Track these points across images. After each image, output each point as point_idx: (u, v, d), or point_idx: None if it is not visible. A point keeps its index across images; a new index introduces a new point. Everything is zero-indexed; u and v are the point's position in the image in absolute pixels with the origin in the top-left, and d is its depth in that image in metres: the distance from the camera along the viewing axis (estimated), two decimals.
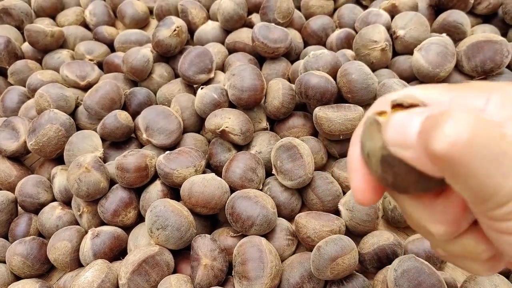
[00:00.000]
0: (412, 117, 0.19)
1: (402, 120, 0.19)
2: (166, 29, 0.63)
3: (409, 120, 0.19)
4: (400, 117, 0.19)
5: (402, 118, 0.19)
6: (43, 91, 0.58)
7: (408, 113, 0.19)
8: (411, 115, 0.19)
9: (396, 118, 0.19)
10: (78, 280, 0.43)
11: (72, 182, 0.49)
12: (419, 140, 0.18)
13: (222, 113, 0.53)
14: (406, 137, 0.18)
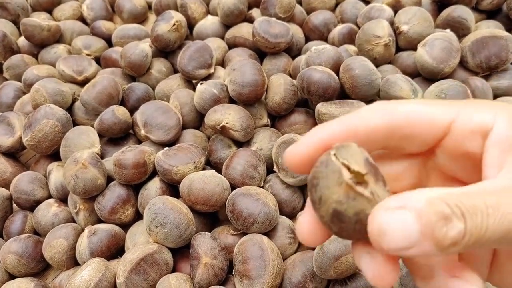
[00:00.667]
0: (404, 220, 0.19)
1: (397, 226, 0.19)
2: (165, 23, 0.61)
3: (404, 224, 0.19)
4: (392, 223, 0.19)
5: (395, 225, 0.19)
6: (39, 85, 0.57)
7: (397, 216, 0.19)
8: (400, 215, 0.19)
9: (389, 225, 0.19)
10: (74, 279, 0.42)
11: (69, 179, 0.48)
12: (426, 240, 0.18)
13: (222, 109, 0.52)
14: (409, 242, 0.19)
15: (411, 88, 0.51)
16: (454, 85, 0.50)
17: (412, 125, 0.23)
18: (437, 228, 0.18)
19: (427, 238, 0.18)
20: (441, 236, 0.18)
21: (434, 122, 0.23)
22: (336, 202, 0.20)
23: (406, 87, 0.51)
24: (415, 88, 0.51)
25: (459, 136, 0.23)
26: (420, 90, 0.52)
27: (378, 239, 0.19)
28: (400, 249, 0.19)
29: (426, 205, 0.18)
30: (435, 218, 0.18)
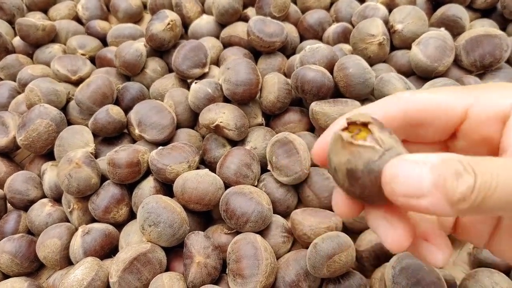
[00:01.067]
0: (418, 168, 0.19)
1: (410, 173, 0.19)
2: (160, 22, 0.61)
3: (418, 173, 0.19)
4: (406, 169, 0.19)
5: (408, 170, 0.19)
6: (33, 85, 0.57)
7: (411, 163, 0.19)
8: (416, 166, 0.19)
9: (402, 171, 0.19)
10: (67, 278, 0.42)
11: (62, 178, 0.48)
12: (437, 191, 0.19)
13: (216, 108, 0.52)
14: (421, 190, 0.19)
15: (405, 87, 0.51)
16: (448, 84, 0.50)
17: (428, 112, 0.24)
18: (449, 181, 0.19)
19: (438, 189, 0.19)
20: (451, 189, 0.19)
21: (450, 108, 0.23)
22: (345, 163, 0.21)
23: (400, 85, 0.51)
24: (409, 87, 0.51)
25: (478, 121, 0.23)
26: (414, 88, 0.52)
27: (389, 184, 0.20)
28: (410, 196, 0.19)
29: (442, 160, 0.19)
30: (449, 172, 0.19)
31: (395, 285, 0.38)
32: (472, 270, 0.43)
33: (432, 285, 0.38)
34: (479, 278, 0.41)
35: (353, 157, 0.21)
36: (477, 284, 0.41)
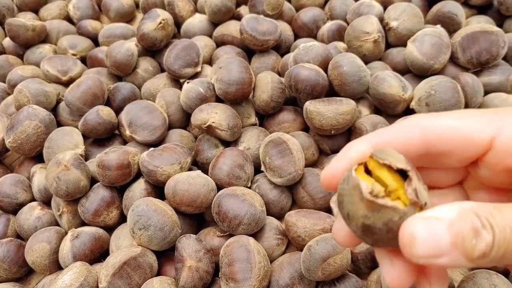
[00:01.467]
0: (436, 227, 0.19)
1: (428, 234, 0.19)
2: (151, 21, 0.60)
3: (436, 233, 0.19)
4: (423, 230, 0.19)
5: (425, 232, 0.19)
6: (22, 86, 0.56)
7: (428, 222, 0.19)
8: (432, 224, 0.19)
9: (419, 232, 0.19)
10: (55, 284, 0.41)
11: (51, 181, 0.47)
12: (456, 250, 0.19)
13: (208, 108, 0.51)
14: (439, 250, 0.19)
15: (400, 85, 0.50)
16: (444, 81, 0.49)
17: (449, 142, 0.22)
18: (467, 240, 0.18)
19: (457, 248, 0.19)
20: (470, 248, 0.18)
21: (473, 140, 0.22)
22: (363, 217, 0.21)
23: (395, 83, 0.50)
24: (405, 85, 0.50)
25: (503, 152, 0.22)
26: (410, 86, 0.51)
27: (408, 247, 0.19)
28: (430, 257, 0.19)
29: (458, 216, 0.19)
30: (466, 229, 0.18)
31: None
32: (470, 272, 0.42)
33: None
34: (478, 280, 0.40)
35: (372, 215, 0.20)
36: (476, 286, 0.40)
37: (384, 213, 0.20)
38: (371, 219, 0.20)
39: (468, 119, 0.22)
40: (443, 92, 0.48)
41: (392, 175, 0.22)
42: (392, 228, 0.20)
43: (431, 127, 0.23)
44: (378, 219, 0.20)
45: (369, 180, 0.21)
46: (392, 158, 0.21)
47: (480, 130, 0.22)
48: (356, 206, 0.21)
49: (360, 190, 0.20)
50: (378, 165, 0.22)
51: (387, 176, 0.22)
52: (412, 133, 0.23)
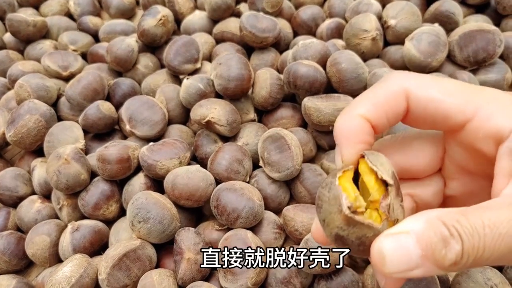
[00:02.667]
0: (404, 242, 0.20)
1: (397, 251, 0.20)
2: (152, 18, 0.61)
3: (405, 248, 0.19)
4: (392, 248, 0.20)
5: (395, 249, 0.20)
6: (23, 81, 0.56)
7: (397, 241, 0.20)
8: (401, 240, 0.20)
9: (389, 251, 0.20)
10: (55, 275, 0.42)
11: (51, 174, 0.47)
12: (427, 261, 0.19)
13: (207, 104, 0.51)
14: (410, 264, 0.19)
15: None
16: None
17: (430, 113, 0.24)
18: (437, 250, 0.19)
19: (428, 260, 0.19)
20: (440, 258, 0.19)
21: (450, 117, 0.23)
22: (338, 228, 0.21)
23: None
24: None
25: (473, 136, 0.23)
26: None
27: (380, 264, 0.20)
28: (402, 272, 0.20)
29: (426, 226, 0.19)
30: (435, 240, 0.19)
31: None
32: None
33: (424, 280, 0.37)
34: (472, 274, 0.40)
35: (347, 228, 0.21)
36: (470, 279, 0.40)
37: (359, 228, 0.21)
38: (346, 232, 0.21)
39: (450, 96, 0.23)
40: None
41: (377, 184, 0.22)
42: (364, 242, 0.21)
43: (416, 97, 0.24)
44: (352, 233, 0.21)
45: (351, 192, 0.22)
46: (381, 167, 0.22)
47: (458, 110, 0.23)
48: (332, 216, 0.21)
49: (339, 202, 0.21)
50: (368, 169, 0.23)
51: (373, 184, 0.22)
52: (399, 100, 0.24)
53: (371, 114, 0.24)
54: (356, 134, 0.24)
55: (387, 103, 0.24)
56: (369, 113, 0.24)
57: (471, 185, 0.27)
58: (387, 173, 0.22)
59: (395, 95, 0.24)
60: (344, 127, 0.25)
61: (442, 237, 0.19)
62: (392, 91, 0.24)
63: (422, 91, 0.24)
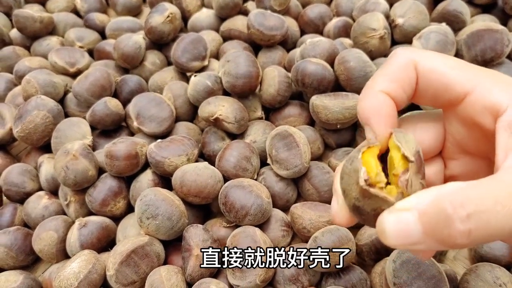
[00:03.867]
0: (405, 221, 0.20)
1: (397, 227, 0.20)
2: (159, 15, 0.61)
3: (404, 226, 0.20)
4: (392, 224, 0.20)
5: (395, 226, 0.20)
6: (30, 77, 0.56)
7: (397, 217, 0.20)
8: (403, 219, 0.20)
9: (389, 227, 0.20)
10: (63, 271, 0.42)
11: (59, 170, 0.47)
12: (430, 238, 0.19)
13: (215, 101, 0.51)
14: (412, 240, 0.20)
15: None
16: None
17: (435, 84, 0.25)
18: (439, 229, 0.19)
19: (430, 237, 0.19)
20: (444, 236, 0.19)
21: (452, 88, 0.24)
22: (355, 199, 0.22)
23: None
24: None
25: (472, 109, 0.24)
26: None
27: (381, 238, 0.21)
28: (404, 245, 0.20)
29: (431, 204, 0.19)
30: (438, 219, 0.19)
31: (396, 279, 0.38)
32: (473, 265, 0.42)
33: (433, 279, 0.37)
34: (480, 273, 0.40)
35: (363, 199, 0.22)
36: (478, 278, 0.40)
37: (374, 200, 0.21)
38: (361, 203, 0.22)
39: (453, 69, 0.24)
40: None
41: (403, 160, 0.23)
42: (379, 214, 0.21)
43: (422, 68, 0.25)
44: (367, 205, 0.22)
45: (373, 167, 0.23)
46: (405, 144, 0.23)
47: (459, 82, 0.24)
48: (351, 187, 0.22)
49: (357, 175, 0.22)
50: (395, 145, 0.23)
51: (399, 160, 0.23)
52: (410, 71, 0.25)
53: (392, 89, 0.25)
54: (384, 110, 0.25)
55: (401, 76, 0.25)
56: (389, 87, 0.25)
57: (470, 165, 0.28)
58: (410, 151, 0.23)
59: (406, 67, 0.25)
60: (370, 106, 0.25)
61: (446, 217, 0.19)
62: (403, 64, 0.25)
63: (428, 62, 0.25)
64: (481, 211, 0.19)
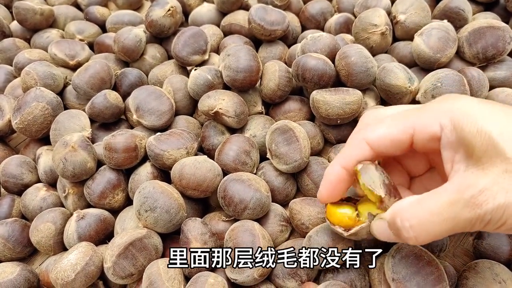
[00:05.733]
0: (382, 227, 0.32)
1: (379, 230, 0.33)
2: (160, 8, 0.60)
3: (383, 230, 0.32)
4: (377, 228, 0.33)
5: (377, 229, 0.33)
6: (29, 68, 0.56)
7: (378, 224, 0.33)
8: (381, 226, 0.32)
9: (375, 230, 0.33)
10: (60, 262, 0.41)
11: (58, 162, 0.47)
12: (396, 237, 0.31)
13: (215, 95, 0.51)
14: (389, 237, 0.32)
15: (407, 76, 0.50)
16: (451, 74, 0.49)
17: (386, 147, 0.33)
18: (396, 234, 0.31)
19: (395, 236, 0.31)
20: (402, 237, 0.30)
21: (399, 143, 0.33)
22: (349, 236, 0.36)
23: (402, 75, 0.50)
24: (411, 77, 0.51)
25: (421, 143, 0.32)
26: (416, 79, 0.51)
27: (375, 236, 0.34)
28: (388, 240, 0.33)
29: (390, 218, 0.31)
30: (394, 228, 0.30)
31: (395, 274, 0.38)
32: (472, 262, 0.42)
33: (432, 275, 0.37)
34: (480, 270, 0.40)
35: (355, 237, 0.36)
36: (478, 275, 0.40)
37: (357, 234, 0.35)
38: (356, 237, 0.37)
39: (392, 126, 0.33)
40: (449, 85, 0.48)
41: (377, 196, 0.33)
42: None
43: (372, 141, 0.33)
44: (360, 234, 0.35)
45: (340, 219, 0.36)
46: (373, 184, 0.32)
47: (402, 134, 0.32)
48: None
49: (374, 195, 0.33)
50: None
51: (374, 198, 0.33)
52: (365, 150, 0.34)
53: (346, 162, 0.35)
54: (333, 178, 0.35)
55: (355, 152, 0.34)
56: (344, 161, 0.35)
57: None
58: (379, 188, 0.32)
59: (359, 144, 0.34)
60: (326, 173, 0.36)
61: (397, 226, 0.30)
62: (357, 142, 0.34)
63: (373, 134, 0.33)
64: (420, 223, 0.28)
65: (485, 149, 0.27)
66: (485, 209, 0.26)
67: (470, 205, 0.26)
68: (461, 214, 0.27)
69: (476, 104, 0.29)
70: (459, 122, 0.28)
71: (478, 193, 0.26)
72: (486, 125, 0.27)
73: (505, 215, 0.26)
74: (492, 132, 0.27)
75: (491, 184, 0.26)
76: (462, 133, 0.28)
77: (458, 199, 0.27)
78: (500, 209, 0.26)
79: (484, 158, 0.27)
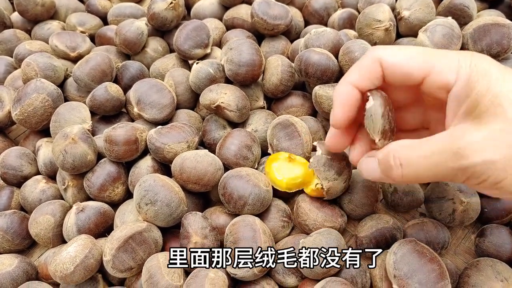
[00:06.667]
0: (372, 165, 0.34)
1: (366, 168, 0.34)
2: (162, 1, 0.60)
3: (371, 168, 0.34)
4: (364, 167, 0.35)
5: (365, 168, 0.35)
6: (30, 59, 0.56)
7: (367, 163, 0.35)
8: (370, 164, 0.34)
9: (362, 169, 0.35)
10: (59, 255, 0.41)
11: (57, 154, 0.47)
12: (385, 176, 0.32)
13: (217, 88, 0.51)
14: (376, 176, 0.33)
15: None
16: None
17: (398, 74, 0.32)
18: (387, 171, 0.32)
19: (383, 174, 0.32)
20: (391, 176, 0.31)
21: (412, 75, 0.31)
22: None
23: None
24: None
25: (430, 88, 0.32)
26: None
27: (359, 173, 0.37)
28: (374, 179, 0.34)
29: (383, 156, 0.32)
30: (387, 165, 0.31)
31: (396, 271, 0.37)
32: (474, 260, 0.42)
33: (433, 272, 0.37)
34: (481, 267, 0.40)
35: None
36: (479, 273, 0.40)
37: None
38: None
39: (412, 59, 0.31)
40: None
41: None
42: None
43: (386, 62, 0.32)
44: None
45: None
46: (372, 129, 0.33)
47: (417, 68, 0.31)
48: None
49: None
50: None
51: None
52: (376, 72, 0.32)
53: (359, 82, 0.33)
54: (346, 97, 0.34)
55: (368, 71, 0.33)
56: (357, 81, 0.33)
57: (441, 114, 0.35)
58: (376, 133, 0.32)
59: (373, 64, 0.32)
60: (337, 93, 0.34)
61: (390, 165, 0.31)
62: (370, 60, 0.33)
63: (390, 57, 0.32)
64: (409, 163, 0.30)
65: (488, 107, 0.28)
66: (469, 161, 0.27)
67: (456, 156, 0.27)
68: (446, 162, 0.28)
69: (495, 67, 0.29)
70: (473, 80, 0.29)
71: (466, 144, 0.27)
72: (496, 86, 0.28)
73: (488, 171, 0.27)
74: (500, 92, 0.27)
75: (481, 138, 0.27)
76: (473, 90, 0.28)
77: (447, 148, 0.28)
78: (484, 164, 0.27)
79: (485, 114, 0.28)
